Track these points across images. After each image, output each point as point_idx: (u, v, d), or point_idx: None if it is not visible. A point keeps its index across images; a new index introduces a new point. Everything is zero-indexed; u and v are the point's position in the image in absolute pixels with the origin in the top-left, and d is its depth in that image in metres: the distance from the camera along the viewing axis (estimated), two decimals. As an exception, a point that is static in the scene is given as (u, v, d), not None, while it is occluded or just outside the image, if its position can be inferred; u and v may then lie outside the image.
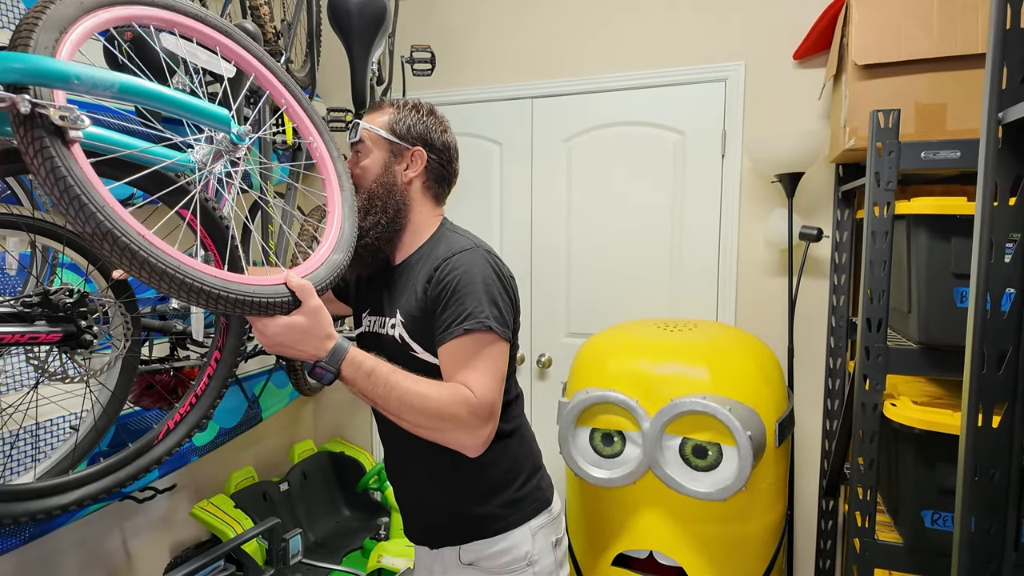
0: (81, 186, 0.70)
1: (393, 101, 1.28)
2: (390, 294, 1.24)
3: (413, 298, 1.18)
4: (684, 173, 2.42)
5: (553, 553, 1.26)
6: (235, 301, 0.84)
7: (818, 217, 2.26)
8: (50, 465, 1.16)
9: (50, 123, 0.69)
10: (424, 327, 1.16)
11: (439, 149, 1.28)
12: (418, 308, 1.16)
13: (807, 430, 2.32)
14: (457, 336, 1.09)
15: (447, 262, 1.15)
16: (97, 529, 1.95)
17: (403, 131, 1.24)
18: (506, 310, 1.14)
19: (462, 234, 1.26)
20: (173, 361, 1.50)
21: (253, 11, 1.72)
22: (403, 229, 1.25)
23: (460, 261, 1.14)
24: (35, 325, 0.88)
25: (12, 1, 1.48)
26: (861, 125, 1.73)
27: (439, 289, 1.13)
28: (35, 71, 0.68)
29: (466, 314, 1.09)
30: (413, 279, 1.20)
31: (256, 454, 2.65)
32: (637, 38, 2.46)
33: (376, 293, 1.28)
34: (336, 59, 2.41)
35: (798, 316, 2.27)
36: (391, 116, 1.25)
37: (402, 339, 1.18)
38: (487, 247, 1.21)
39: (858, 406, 1.57)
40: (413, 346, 1.18)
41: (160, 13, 0.93)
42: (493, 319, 1.10)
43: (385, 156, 1.23)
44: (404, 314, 1.19)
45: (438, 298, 1.13)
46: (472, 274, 1.12)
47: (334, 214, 1.10)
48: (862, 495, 1.57)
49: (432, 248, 1.23)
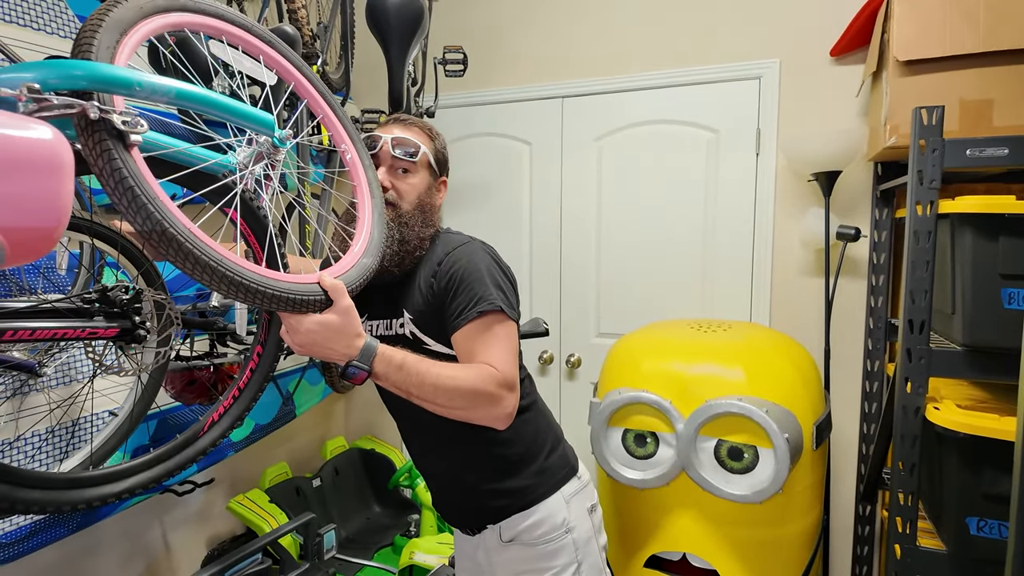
0: (140, 186, 0.73)
1: (426, 127, 1.34)
2: (393, 297, 1.29)
3: (418, 295, 1.24)
4: (717, 172, 2.40)
5: (590, 519, 1.31)
6: (272, 297, 0.87)
7: (855, 216, 2.21)
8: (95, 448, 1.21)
9: (113, 127, 0.72)
10: (432, 320, 1.22)
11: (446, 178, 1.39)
12: (424, 303, 1.23)
13: (843, 433, 2.28)
14: (471, 320, 1.15)
15: (449, 256, 1.22)
16: (138, 521, 2.01)
17: (442, 161, 1.35)
18: (509, 293, 1.22)
19: (455, 233, 1.34)
20: (213, 357, 1.53)
21: (291, 14, 1.76)
22: None
23: (461, 253, 1.22)
24: (94, 321, 0.91)
25: (62, 7, 1.52)
26: (903, 122, 1.69)
27: (445, 281, 1.20)
28: (101, 78, 0.71)
29: (477, 298, 1.16)
30: (415, 279, 1.26)
31: (290, 450, 2.69)
32: (670, 36, 2.44)
33: (376, 298, 1.31)
34: (367, 61, 2.44)
35: (834, 317, 2.23)
36: (436, 144, 1.33)
37: (413, 335, 1.24)
38: (482, 240, 1.29)
39: (899, 409, 1.54)
40: (425, 339, 1.24)
41: (211, 22, 0.97)
42: (501, 300, 1.17)
43: (429, 179, 1.31)
44: (412, 311, 1.25)
45: (446, 289, 1.19)
46: (475, 262, 1.20)
47: (364, 220, 1.14)
48: (903, 500, 1.54)
49: (431, 250, 1.29)
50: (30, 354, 1.22)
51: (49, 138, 0.62)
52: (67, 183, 0.63)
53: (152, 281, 1.18)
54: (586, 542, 1.28)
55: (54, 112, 0.68)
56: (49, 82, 0.68)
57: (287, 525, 1.90)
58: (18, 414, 1.33)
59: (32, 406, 1.36)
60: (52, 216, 0.62)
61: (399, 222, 1.25)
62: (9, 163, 0.58)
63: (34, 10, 1.44)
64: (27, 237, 0.60)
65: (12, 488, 0.85)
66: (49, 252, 0.69)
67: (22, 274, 1.27)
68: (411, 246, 1.26)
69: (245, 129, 0.97)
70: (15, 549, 1.43)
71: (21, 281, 1.21)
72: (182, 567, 2.17)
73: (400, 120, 1.34)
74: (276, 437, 2.43)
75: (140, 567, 2.03)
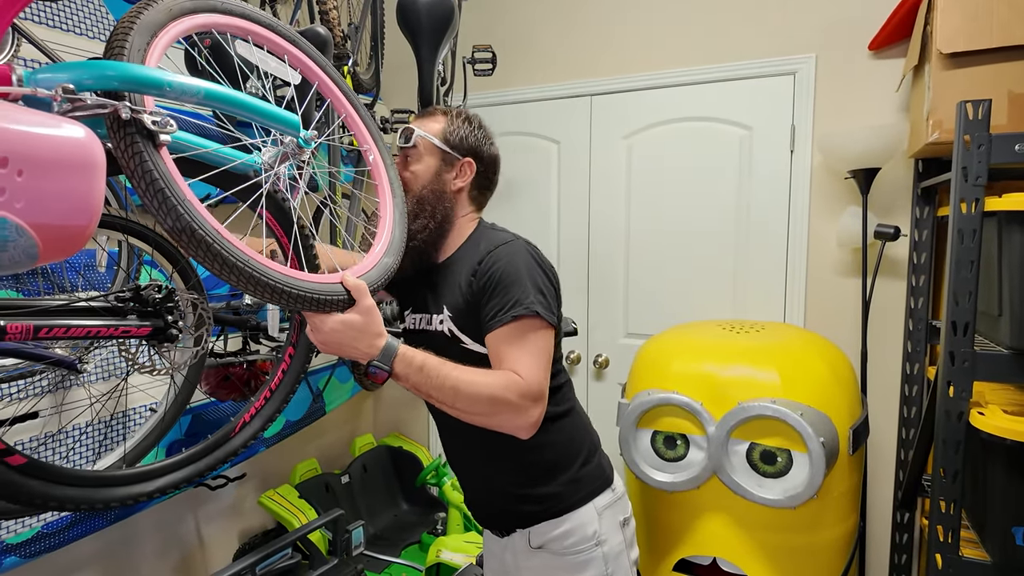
0: (169, 186, 0.74)
1: (445, 109, 1.32)
2: (434, 292, 1.28)
3: (458, 292, 1.21)
4: (750, 169, 2.35)
5: (621, 532, 1.27)
6: (295, 296, 0.88)
7: (895, 215, 2.14)
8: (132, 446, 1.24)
9: (143, 127, 0.74)
10: (470, 319, 1.20)
11: (486, 161, 1.32)
12: (464, 301, 1.20)
13: (881, 438, 2.21)
14: (505, 323, 1.12)
15: (491, 255, 1.18)
16: (173, 514, 2.05)
17: (456, 141, 1.28)
18: (550, 296, 1.18)
19: (500, 230, 1.30)
20: (246, 355, 1.55)
21: (323, 15, 1.77)
22: (448, 233, 1.29)
23: (503, 252, 1.18)
24: (127, 319, 0.93)
25: (103, 12, 1.56)
26: (946, 117, 1.63)
27: (484, 280, 1.16)
28: (132, 79, 0.72)
29: (512, 301, 1.12)
30: (456, 276, 1.24)
31: (319, 446, 2.73)
32: (701, 32, 2.40)
33: (420, 292, 1.32)
34: (397, 61, 2.46)
35: (872, 319, 2.17)
36: (445, 125, 1.28)
37: (451, 332, 1.22)
38: (526, 239, 1.25)
39: (941, 414, 1.49)
40: (463, 338, 1.21)
41: (237, 22, 0.98)
42: (539, 304, 1.13)
43: (437, 164, 1.27)
44: (451, 309, 1.23)
45: (483, 288, 1.16)
46: (515, 263, 1.16)
47: (385, 219, 1.15)
48: (945, 508, 1.49)
49: (472, 246, 1.27)
50: (71, 351, 1.26)
51: (83, 137, 0.63)
52: (99, 182, 0.64)
53: (187, 279, 1.20)
54: (616, 556, 1.25)
55: (87, 112, 0.69)
56: (83, 82, 0.70)
57: (316, 521, 1.92)
58: (60, 408, 1.37)
59: (73, 401, 1.40)
60: (84, 214, 0.63)
61: (412, 212, 1.24)
62: (45, 162, 0.59)
63: (76, 15, 1.47)
64: (60, 234, 0.61)
65: (47, 485, 0.87)
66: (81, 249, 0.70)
67: (63, 272, 1.30)
68: (430, 233, 1.24)
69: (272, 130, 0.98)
70: (56, 539, 1.47)
71: (61, 279, 1.24)
72: (215, 559, 2.22)
73: (423, 112, 1.34)
74: (306, 433, 2.47)
75: (175, 558, 2.08)
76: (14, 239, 0.55)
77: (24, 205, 0.56)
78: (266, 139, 1.00)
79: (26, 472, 0.85)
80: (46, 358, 1.16)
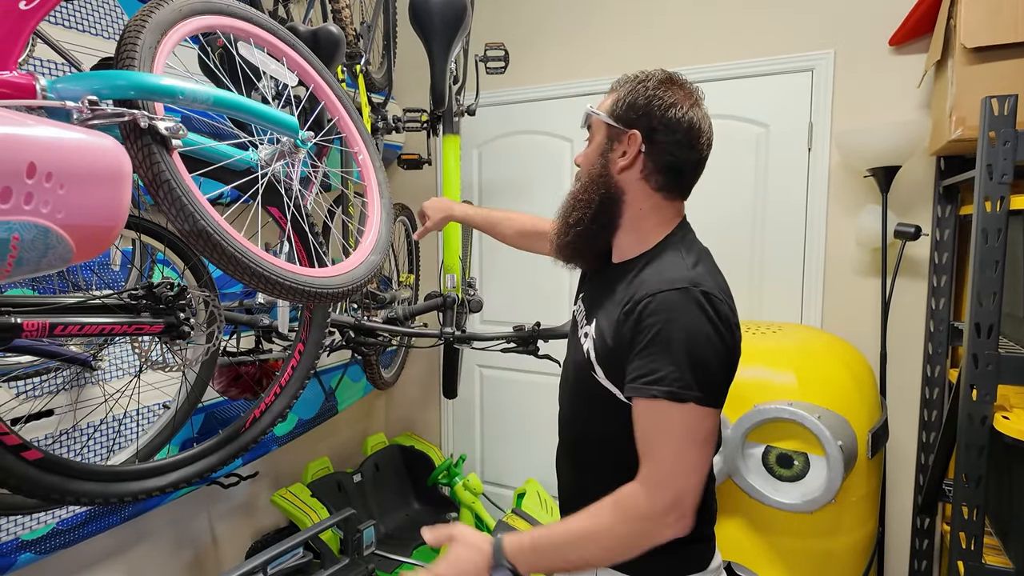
0: (182, 190, 0.77)
1: (629, 77, 1.10)
2: (597, 295, 1.10)
3: (610, 318, 1.02)
4: (767, 167, 2.31)
5: None
6: (289, 288, 0.89)
7: (916, 214, 2.10)
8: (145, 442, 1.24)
9: (157, 133, 0.76)
10: (612, 358, 1.01)
11: (664, 128, 1.02)
12: (611, 335, 1.01)
13: (901, 442, 2.17)
14: (644, 397, 0.93)
15: (650, 300, 0.95)
16: (186, 511, 2.07)
17: (622, 111, 1.04)
18: (718, 368, 0.94)
19: (685, 257, 1.03)
20: (258, 354, 1.56)
21: (335, 14, 1.77)
22: (616, 228, 1.08)
23: (664, 305, 0.94)
24: (141, 317, 0.94)
25: (118, 12, 1.57)
26: (970, 114, 1.59)
27: (634, 332, 0.95)
28: (148, 89, 0.75)
29: (656, 376, 0.91)
30: (617, 293, 1.04)
31: (331, 445, 2.73)
32: (718, 28, 2.37)
33: (591, 286, 1.16)
34: (410, 59, 2.45)
35: (891, 320, 2.13)
36: (617, 95, 1.07)
37: (588, 355, 1.05)
38: (707, 285, 0.97)
39: (963, 418, 1.45)
40: (596, 368, 1.04)
41: (241, 24, 1.02)
42: (695, 384, 0.90)
43: (603, 142, 1.07)
44: (598, 330, 1.04)
45: (633, 341, 0.96)
46: (675, 324, 0.92)
47: (372, 219, 1.17)
48: (967, 514, 1.45)
49: (646, 262, 1.04)
50: (86, 348, 1.27)
51: (114, 149, 0.66)
52: (127, 188, 0.67)
53: (199, 277, 1.20)
54: None
55: (105, 120, 0.71)
56: (101, 92, 0.72)
57: (328, 520, 1.92)
58: (75, 405, 1.38)
59: (87, 398, 1.41)
60: (113, 218, 0.66)
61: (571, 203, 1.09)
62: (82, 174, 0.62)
63: (92, 16, 1.48)
64: (91, 237, 0.64)
65: (65, 480, 0.87)
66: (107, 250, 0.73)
67: (77, 270, 1.31)
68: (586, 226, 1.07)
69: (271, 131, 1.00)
70: (72, 535, 1.49)
71: (76, 278, 1.25)
72: (227, 557, 2.23)
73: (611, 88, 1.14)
74: (318, 432, 2.47)
75: (188, 556, 2.09)
76: (54, 246, 0.59)
77: (64, 215, 0.59)
78: (263, 138, 1.02)
79: (43, 467, 0.86)
80: (61, 355, 1.17)
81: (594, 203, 1.05)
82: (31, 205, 0.56)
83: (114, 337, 1.04)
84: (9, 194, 0.54)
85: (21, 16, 0.71)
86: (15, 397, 1.24)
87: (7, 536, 1.35)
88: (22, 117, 0.59)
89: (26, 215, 0.56)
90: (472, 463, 2.99)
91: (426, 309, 1.87)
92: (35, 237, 0.57)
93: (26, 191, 0.55)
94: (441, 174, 2.10)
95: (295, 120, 0.99)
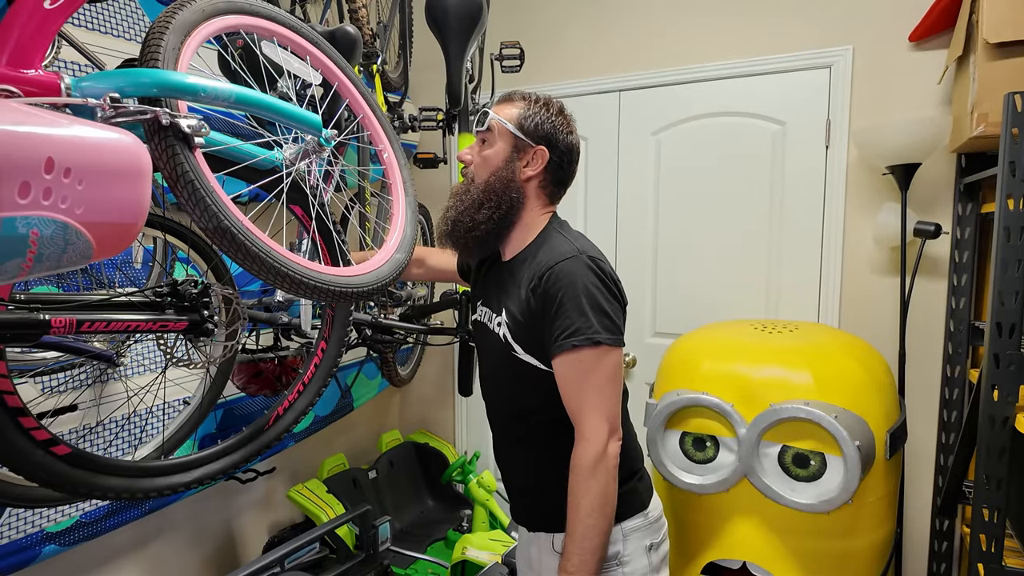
0: (205, 189, 0.77)
1: (525, 95, 1.26)
2: (498, 290, 1.26)
3: (517, 300, 1.19)
4: (783, 165, 2.30)
5: (647, 557, 1.24)
6: (312, 287, 0.90)
7: (936, 212, 2.08)
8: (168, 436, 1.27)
9: (180, 131, 0.76)
10: (527, 332, 1.17)
11: (561, 151, 1.24)
12: (521, 312, 1.18)
13: (919, 443, 2.15)
14: (566, 351, 1.10)
15: (551, 272, 1.14)
16: (205, 506, 2.09)
17: (530, 128, 1.22)
18: (615, 315, 1.14)
19: (567, 236, 1.23)
20: (277, 351, 1.57)
21: (352, 14, 1.78)
22: (514, 225, 1.24)
23: (563, 272, 1.13)
24: (165, 314, 0.95)
25: (140, 15, 1.59)
26: (992, 110, 1.57)
27: (544, 301, 1.14)
28: (171, 86, 0.75)
29: (572, 328, 1.09)
30: (518, 279, 1.21)
31: (347, 442, 2.75)
32: (734, 25, 2.35)
33: (489, 285, 1.30)
34: (425, 59, 2.46)
35: (910, 319, 2.10)
36: (521, 111, 1.23)
37: (505, 339, 1.21)
38: (591, 252, 1.18)
39: (984, 419, 1.43)
40: (515, 347, 1.19)
41: (264, 23, 1.02)
42: (602, 329, 1.10)
43: (508, 150, 1.22)
44: (509, 315, 1.20)
45: (543, 309, 1.14)
46: (575, 285, 1.12)
47: (398, 217, 1.18)
48: (987, 517, 1.43)
49: (537, 248, 1.22)
50: (109, 344, 1.29)
51: (134, 146, 0.66)
52: (147, 186, 0.67)
53: (221, 275, 1.22)
54: None
55: (128, 118, 0.72)
56: (124, 90, 0.73)
57: (344, 516, 1.94)
58: (99, 401, 1.40)
59: (110, 394, 1.43)
60: (134, 215, 0.66)
61: (477, 201, 1.21)
62: (102, 171, 0.62)
63: (115, 18, 1.51)
64: (112, 234, 0.65)
65: (91, 474, 0.89)
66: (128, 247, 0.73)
67: (101, 268, 1.34)
68: (494, 224, 1.21)
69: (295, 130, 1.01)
70: (94, 528, 1.51)
71: (100, 275, 1.27)
72: (245, 551, 2.25)
73: (504, 96, 1.28)
74: (334, 429, 2.49)
75: (207, 549, 2.12)
76: (74, 242, 0.59)
77: (83, 211, 0.60)
78: (287, 136, 1.02)
79: (70, 462, 0.88)
80: (87, 351, 1.19)
81: (504, 203, 1.20)
82: (50, 200, 0.56)
83: (139, 334, 1.06)
84: (28, 189, 0.54)
85: (46, 16, 0.73)
86: (41, 393, 1.27)
87: (32, 528, 1.38)
88: (39, 113, 0.59)
89: (45, 210, 0.56)
90: (486, 460, 3.00)
91: (442, 307, 1.88)
92: (54, 233, 0.57)
93: (44, 186, 0.55)
94: (456, 173, 2.11)
95: (318, 118, 0.99)
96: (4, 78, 0.66)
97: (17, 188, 0.53)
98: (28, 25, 0.70)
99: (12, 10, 0.69)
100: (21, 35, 0.69)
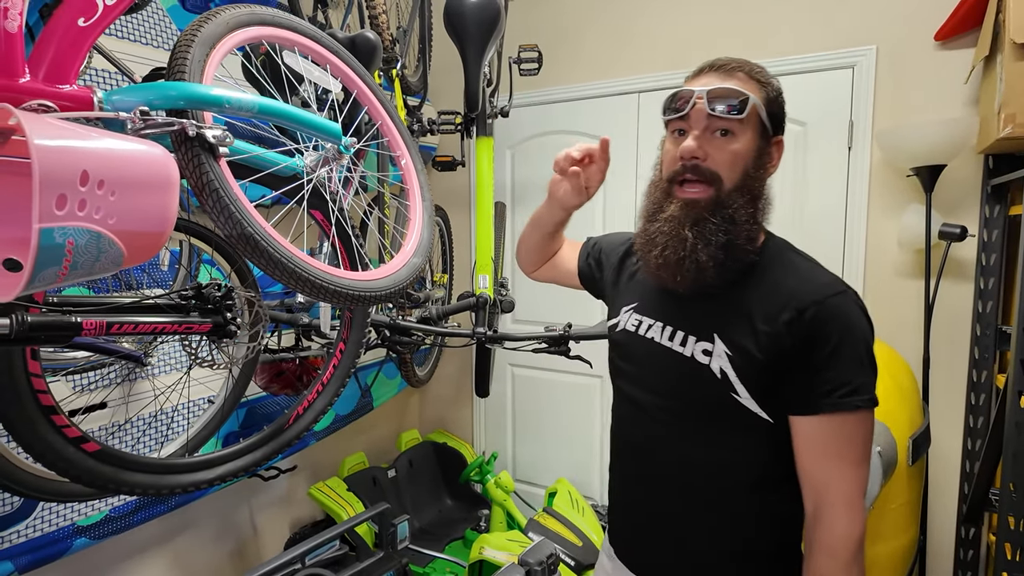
0: (229, 197, 0.79)
1: (754, 69, 0.97)
2: (705, 311, 0.98)
3: (749, 330, 0.93)
4: (805, 166, 2.27)
5: None
6: (331, 292, 0.91)
7: (962, 214, 2.04)
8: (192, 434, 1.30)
9: (206, 142, 0.79)
10: (760, 374, 0.92)
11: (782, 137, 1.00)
12: (760, 348, 0.91)
13: (944, 449, 2.11)
14: (840, 411, 0.88)
15: (820, 307, 0.90)
16: (229, 502, 2.14)
17: (777, 113, 0.97)
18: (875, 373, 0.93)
19: (808, 258, 1.00)
20: (298, 351, 1.61)
21: (372, 20, 1.81)
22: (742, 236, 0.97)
23: (837, 310, 0.90)
24: (191, 316, 0.98)
25: (167, 23, 1.64)
26: (1020, 111, 1.54)
27: (808, 342, 0.89)
28: (197, 98, 0.78)
29: (853, 386, 0.88)
30: (745, 305, 0.94)
31: (367, 440, 2.79)
32: (754, 25, 2.33)
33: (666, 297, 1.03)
34: (444, 63, 2.48)
35: (935, 323, 2.07)
36: (768, 91, 0.96)
37: (723, 375, 0.93)
38: (851, 288, 0.95)
39: (1010, 425, 1.41)
40: (738, 388, 0.93)
41: (286, 34, 1.04)
42: (873, 388, 0.90)
43: (758, 143, 0.95)
44: (732, 346, 0.93)
45: (804, 352, 0.89)
46: (854, 331, 0.90)
47: (415, 222, 1.18)
48: (1013, 525, 1.41)
49: (770, 268, 0.97)
50: (137, 345, 1.33)
51: (163, 158, 0.69)
52: (175, 195, 0.70)
53: (244, 278, 1.25)
54: None
55: (156, 129, 0.74)
56: (153, 103, 0.75)
57: (364, 514, 1.96)
58: (127, 399, 1.44)
59: (137, 392, 1.48)
60: (162, 223, 0.69)
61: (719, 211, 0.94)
62: (133, 182, 0.65)
63: (143, 26, 1.55)
64: (142, 242, 0.67)
65: (119, 471, 0.92)
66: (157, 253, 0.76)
67: (129, 270, 1.38)
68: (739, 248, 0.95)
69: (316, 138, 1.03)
70: (122, 522, 1.56)
71: (128, 277, 1.31)
72: (267, 547, 2.30)
73: (716, 67, 0.98)
74: (354, 428, 2.53)
75: (230, 545, 2.17)
76: (107, 250, 0.62)
77: (116, 221, 0.62)
78: (308, 144, 1.04)
79: (100, 458, 0.91)
80: (117, 352, 1.23)
81: (758, 214, 0.97)
82: (84, 211, 0.59)
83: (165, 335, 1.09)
84: (64, 201, 0.57)
85: (80, 33, 0.76)
86: (72, 391, 1.31)
87: (64, 522, 1.43)
88: (74, 127, 0.62)
89: (80, 221, 0.58)
90: (504, 461, 3.01)
91: (459, 309, 1.90)
92: (88, 242, 0.60)
93: (80, 198, 0.58)
94: (475, 175, 2.12)
95: (338, 126, 1.02)
96: (41, 93, 0.69)
97: (55, 200, 0.56)
98: (63, 42, 0.73)
99: (48, 28, 0.72)
100: (57, 52, 0.72)
